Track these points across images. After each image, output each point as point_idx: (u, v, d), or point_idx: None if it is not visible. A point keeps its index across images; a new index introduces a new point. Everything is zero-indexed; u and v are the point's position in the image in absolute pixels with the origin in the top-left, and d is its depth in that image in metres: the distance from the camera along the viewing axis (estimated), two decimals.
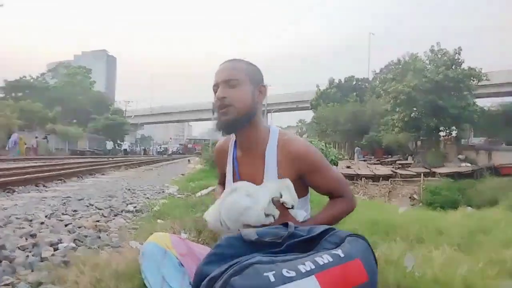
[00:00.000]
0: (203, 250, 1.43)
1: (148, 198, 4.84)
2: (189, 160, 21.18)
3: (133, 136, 66.81)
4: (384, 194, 19.88)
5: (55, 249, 2.13)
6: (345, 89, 40.48)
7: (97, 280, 1.52)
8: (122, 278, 1.50)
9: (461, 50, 24.06)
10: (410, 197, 19.63)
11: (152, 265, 1.34)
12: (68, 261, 1.86)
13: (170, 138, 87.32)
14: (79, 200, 3.86)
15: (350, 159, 28.89)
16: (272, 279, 0.58)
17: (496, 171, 18.76)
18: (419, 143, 27.41)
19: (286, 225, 0.81)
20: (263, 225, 1.06)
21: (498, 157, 20.60)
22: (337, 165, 13.81)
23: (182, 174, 10.61)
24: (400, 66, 27.55)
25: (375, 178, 21.14)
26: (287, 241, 0.71)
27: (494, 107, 26.82)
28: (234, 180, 1.43)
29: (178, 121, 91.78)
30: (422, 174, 19.87)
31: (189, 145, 56.31)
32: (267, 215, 1.10)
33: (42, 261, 1.92)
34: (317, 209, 1.41)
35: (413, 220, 2.67)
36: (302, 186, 1.35)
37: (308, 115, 70.36)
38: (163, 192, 5.71)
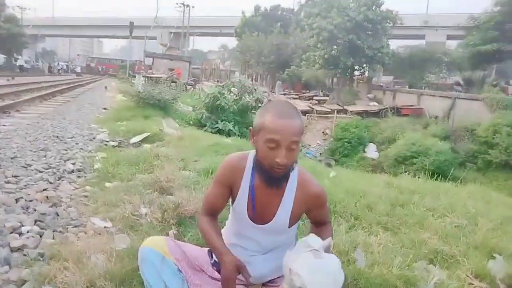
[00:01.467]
0: (195, 252, 1.55)
1: (82, 149, 4.68)
2: (106, 87, 19.80)
3: (33, 50, 58.91)
4: None
5: (19, 234, 2.12)
6: (270, 18, 39.93)
7: (90, 281, 1.62)
8: (114, 279, 1.63)
9: None
10: (323, 132, 21.38)
11: (152, 270, 1.46)
12: (43, 253, 1.90)
13: (78, 55, 78.86)
14: (12, 159, 3.61)
15: (271, 92, 29.66)
16: None
17: (398, 111, 21.04)
18: (335, 80, 29.08)
19: None
20: None
21: (401, 98, 22.97)
22: (262, 103, 14.20)
23: (105, 109, 10.07)
24: (325, 1, 27.77)
25: None
26: None
27: (402, 47, 29.11)
28: (248, 209, 1.46)
29: (86, 37, 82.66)
30: (335, 111, 21.51)
31: (92, 64, 51.47)
32: None
33: (12, 252, 1.93)
34: None
35: (343, 190, 3.11)
36: (300, 217, 1.53)
37: (230, 42, 68.62)
38: (94, 139, 5.50)
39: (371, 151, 18.91)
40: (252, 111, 13.71)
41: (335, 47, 24.77)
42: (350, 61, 24.40)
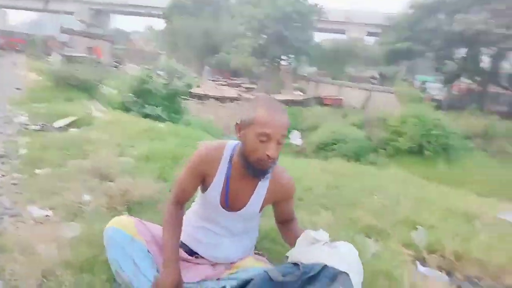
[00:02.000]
0: (160, 229, 1.53)
1: (1, 132, 4.24)
2: (15, 63, 17.78)
3: None
4: (230, 115, 21.44)
5: None
6: (200, 2, 38.95)
7: (45, 271, 1.54)
8: (72, 268, 1.57)
9: None
10: None
11: (121, 252, 1.44)
12: None
13: None
14: None
15: (197, 77, 29.21)
16: None
17: (320, 101, 22.24)
18: (263, 69, 29.63)
19: (296, 264, 1.13)
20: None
21: (323, 88, 24.29)
22: (192, 89, 13.99)
23: (18, 89, 9.09)
24: None
25: (222, 99, 22.32)
26: (303, 277, 1.05)
27: (325, 40, 30.66)
28: (221, 198, 1.50)
29: None
30: None
31: None
32: None
33: None
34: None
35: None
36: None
37: (157, 23, 65.55)
38: (12, 121, 5.01)
39: (295, 138, 19.80)
40: (182, 97, 13.47)
41: (264, 36, 25.20)
42: (278, 51, 25.06)
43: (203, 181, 1.52)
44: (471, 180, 16.24)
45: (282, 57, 26.73)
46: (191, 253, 1.60)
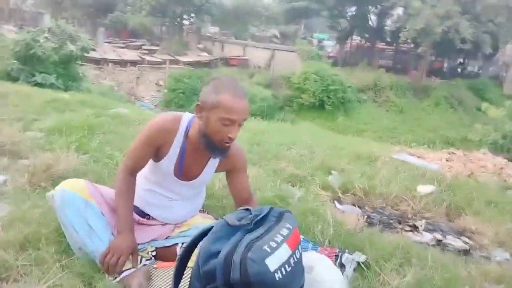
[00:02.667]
0: (111, 195, 1.58)
1: None
2: None
3: None
4: (132, 80, 20.25)
5: None
6: None
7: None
8: (13, 247, 1.50)
9: None
10: (156, 83, 20.89)
11: (76, 213, 1.45)
12: None
13: None
14: None
15: (92, 39, 26.62)
16: (268, 250, 1.07)
17: (226, 61, 22.22)
18: (164, 29, 28.16)
19: (247, 209, 1.27)
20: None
21: (228, 49, 24.20)
22: (88, 53, 12.80)
23: None
24: None
25: (122, 63, 20.88)
26: (254, 220, 1.20)
27: None
28: (175, 169, 1.55)
29: None
30: (167, 62, 21.18)
31: None
32: None
33: None
34: None
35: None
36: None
37: None
38: None
39: None
40: (78, 62, 12.28)
41: None
42: (179, 9, 23.95)
43: (157, 152, 1.54)
44: (365, 128, 18.30)
45: (184, 16, 25.62)
46: (143, 215, 1.65)
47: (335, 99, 18.97)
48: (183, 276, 1.27)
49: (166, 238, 1.63)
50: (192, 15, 25.83)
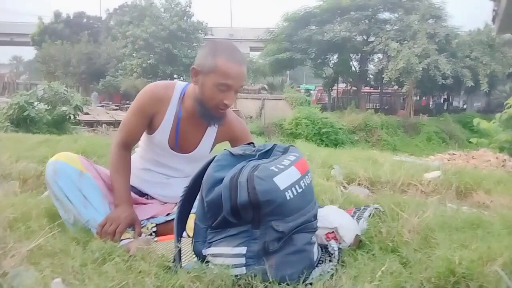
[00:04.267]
0: (107, 172, 1.50)
1: None
2: None
3: None
4: None
5: None
6: (75, 26, 36.55)
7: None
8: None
9: (191, 3, 26.46)
10: None
11: (70, 184, 1.35)
12: None
13: None
14: None
15: (85, 104, 27.18)
16: (276, 169, 0.99)
17: None
18: None
19: (250, 143, 1.20)
20: None
21: None
22: (81, 111, 12.99)
23: None
24: (136, 10, 27.47)
25: (116, 124, 21.13)
26: (258, 153, 1.13)
27: None
28: (170, 140, 1.47)
29: None
30: None
31: None
32: None
33: None
34: None
35: None
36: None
37: (25, 53, 59.16)
38: None
39: None
40: (71, 121, 12.38)
41: (152, 55, 24.79)
42: (169, 69, 24.88)
43: (151, 122, 1.47)
44: None
45: (175, 75, 26.55)
46: (141, 194, 1.58)
47: (328, 141, 19.14)
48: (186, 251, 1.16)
49: (167, 215, 1.52)
50: (183, 74, 26.81)
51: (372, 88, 28.68)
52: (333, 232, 1.23)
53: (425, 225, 1.30)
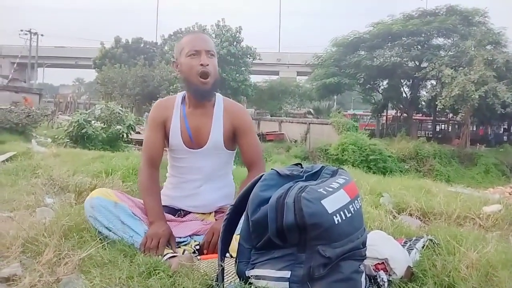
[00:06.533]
0: (141, 201, 1.57)
1: None
2: None
3: None
4: None
5: None
6: (132, 51, 39.08)
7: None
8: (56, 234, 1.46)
9: (241, 29, 27.33)
10: None
11: (107, 214, 1.42)
12: None
13: None
14: None
15: (138, 124, 28.56)
16: (324, 192, 0.97)
17: (263, 137, 22.81)
18: None
19: (298, 164, 1.19)
20: None
21: (265, 125, 25.02)
22: (134, 130, 13.63)
23: None
24: None
25: None
26: (305, 174, 1.11)
27: (260, 83, 32.08)
28: (184, 137, 1.59)
29: None
30: None
31: None
32: None
33: None
34: None
35: None
36: (232, 141, 1.67)
37: (87, 75, 64.00)
38: None
39: None
40: (124, 140, 13.02)
41: None
42: (217, 92, 25.59)
43: (165, 132, 1.62)
44: None
45: None
46: (174, 212, 1.63)
47: (376, 169, 18.48)
48: (226, 267, 1.15)
49: None
50: (230, 97, 27.47)
51: (424, 115, 27.60)
52: (382, 263, 1.16)
53: (485, 261, 1.19)
